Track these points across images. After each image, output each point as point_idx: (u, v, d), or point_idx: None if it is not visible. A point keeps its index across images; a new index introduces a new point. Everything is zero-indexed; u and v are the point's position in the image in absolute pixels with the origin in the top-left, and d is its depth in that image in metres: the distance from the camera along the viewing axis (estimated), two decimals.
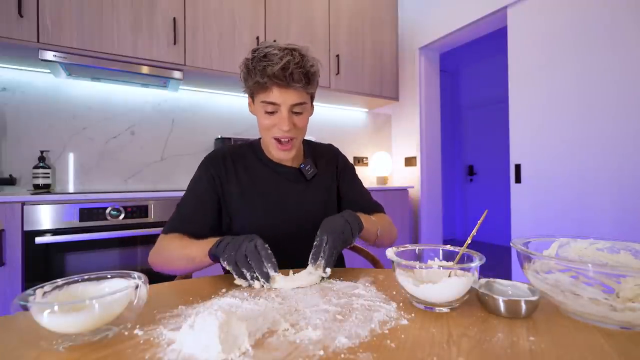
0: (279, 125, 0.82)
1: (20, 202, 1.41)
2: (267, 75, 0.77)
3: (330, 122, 2.89)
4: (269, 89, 0.80)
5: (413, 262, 0.59)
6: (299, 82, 0.79)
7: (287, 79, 0.77)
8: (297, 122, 0.85)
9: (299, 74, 0.78)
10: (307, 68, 0.80)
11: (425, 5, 2.78)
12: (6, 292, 1.38)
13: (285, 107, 0.81)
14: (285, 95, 0.80)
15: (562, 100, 1.89)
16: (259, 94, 0.83)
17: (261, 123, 0.86)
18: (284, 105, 0.81)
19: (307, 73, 0.80)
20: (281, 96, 0.80)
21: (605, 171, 1.71)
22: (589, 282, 0.48)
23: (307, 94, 0.84)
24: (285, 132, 0.83)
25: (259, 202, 0.90)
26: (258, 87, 0.81)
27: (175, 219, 0.88)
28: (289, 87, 0.79)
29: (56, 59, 1.62)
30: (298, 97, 0.81)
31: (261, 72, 0.78)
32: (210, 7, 2.02)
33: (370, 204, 1.02)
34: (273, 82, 0.78)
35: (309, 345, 0.42)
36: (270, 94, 0.80)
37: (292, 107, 0.82)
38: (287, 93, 0.80)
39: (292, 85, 0.79)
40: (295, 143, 0.88)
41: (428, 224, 2.86)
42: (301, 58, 0.80)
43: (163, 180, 2.20)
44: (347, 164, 1.07)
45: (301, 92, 0.82)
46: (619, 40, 1.66)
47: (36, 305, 0.42)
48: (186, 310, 0.53)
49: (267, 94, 0.81)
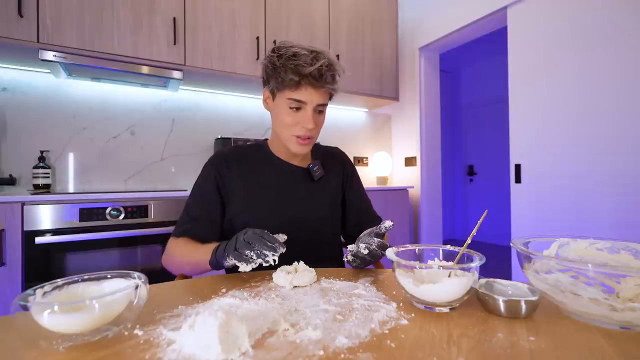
0: (304, 123, 0.85)
1: (20, 202, 1.41)
2: (303, 75, 0.80)
3: (330, 122, 2.89)
4: (301, 87, 0.82)
5: (413, 262, 0.59)
6: (330, 83, 0.84)
7: (322, 79, 0.82)
8: (319, 121, 0.89)
9: (330, 76, 0.83)
10: (336, 70, 0.85)
11: (425, 5, 2.78)
12: (6, 292, 1.38)
13: (311, 105, 0.84)
14: (316, 94, 0.84)
15: (562, 100, 1.89)
16: (284, 91, 0.84)
17: (283, 120, 0.87)
18: (311, 104, 0.84)
19: (334, 77, 0.85)
20: (310, 95, 0.83)
21: (605, 171, 1.71)
22: (589, 282, 0.48)
23: (329, 95, 0.89)
24: (308, 130, 0.86)
25: (264, 201, 0.91)
26: (289, 85, 0.83)
27: (184, 222, 0.89)
28: (317, 87, 0.83)
29: (56, 59, 1.62)
30: (324, 97, 0.86)
31: (293, 70, 0.80)
32: (210, 7, 2.02)
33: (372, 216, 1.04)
34: (308, 81, 0.81)
35: (309, 345, 0.42)
36: (301, 92, 0.83)
37: (317, 107, 0.86)
38: (316, 93, 0.84)
39: (325, 86, 0.83)
40: (313, 140, 0.90)
41: (428, 224, 2.86)
42: (330, 62, 0.84)
43: (163, 180, 2.20)
44: (354, 170, 1.09)
45: (327, 93, 0.87)
46: (619, 40, 1.66)
47: (36, 305, 0.42)
48: (186, 310, 0.53)
49: (297, 92, 0.83)
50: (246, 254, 0.64)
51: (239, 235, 0.67)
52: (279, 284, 0.65)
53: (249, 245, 0.65)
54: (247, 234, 0.66)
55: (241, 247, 0.65)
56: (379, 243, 0.72)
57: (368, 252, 0.72)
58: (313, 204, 0.94)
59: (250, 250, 0.64)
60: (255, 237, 0.65)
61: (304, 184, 0.95)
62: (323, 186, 0.97)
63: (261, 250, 0.64)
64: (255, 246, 0.64)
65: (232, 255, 0.66)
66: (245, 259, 0.65)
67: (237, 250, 0.65)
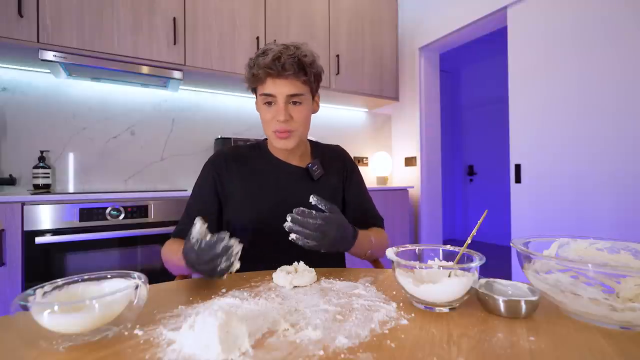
0: (276, 116, 0.84)
1: (20, 202, 1.41)
2: (261, 67, 0.81)
3: (330, 122, 2.89)
4: (263, 80, 0.83)
5: (413, 262, 0.59)
6: (290, 69, 0.81)
7: (279, 68, 0.81)
8: (294, 114, 0.86)
9: (290, 62, 0.81)
10: (299, 57, 0.83)
11: (425, 5, 2.78)
12: (6, 292, 1.38)
13: (281, 97, 0.84)
14: (279, 84, 0.83)
15: (562, 100, 1.89)
16: (257, 88, 0.87)
17: (262, 117, 0.89)
18: (280, 95, 0.84)
19: (300, 62, 0.83)
20: (275, 86, 0.83)
21: (605, 171, 1.71)
22: (589, 282, 0.48)
23: (302, 85, 0.86)
24: (281, 122, 0.84)
25: (262, 202, 0.91)
26: (255, 81, 0.85)
27: (182, 222, 0.90)
28: (280, 76, 0.82)
29: (56, 59, 1.62)
30: (293, 87, 0.84)
31: (257, 64, 0.82)
32: (210, 7, 2.02)
33: (372, 215, 1.02)
34: (266, 72, 0.81)
35: (309, 345, 0.42)
36: (267, 85, 0.84)
37: (288, 98, 0.84)
38: (281, 83, 0.83)
39: (283, 74, 0.82)
40: (294, 135, 0.88)
41: (428, 224, 2.86)
42: (296, 49, 0.83)
43: (163, 180, 2.20)
44: (355, 167, 1.07)
45: (295, 82, 0.84)
46: (619, 40, 1.66)
47: (36, 305, 0.42)
48: (186, 310, 0.53)
49: (264, 85, 0.84)
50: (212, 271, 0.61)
51: (189, 252, 0.63)
52: (279, 284, 0.65)
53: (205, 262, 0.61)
54: (190, 256, 0.62)
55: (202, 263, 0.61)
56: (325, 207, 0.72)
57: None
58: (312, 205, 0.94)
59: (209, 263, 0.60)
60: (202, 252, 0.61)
61: (304, 183, 0.95)
62: (323, 185, 0.97)
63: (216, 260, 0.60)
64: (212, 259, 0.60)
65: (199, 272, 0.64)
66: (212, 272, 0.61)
67: (196, 268, 0.63)
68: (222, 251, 0.60)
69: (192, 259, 0.62)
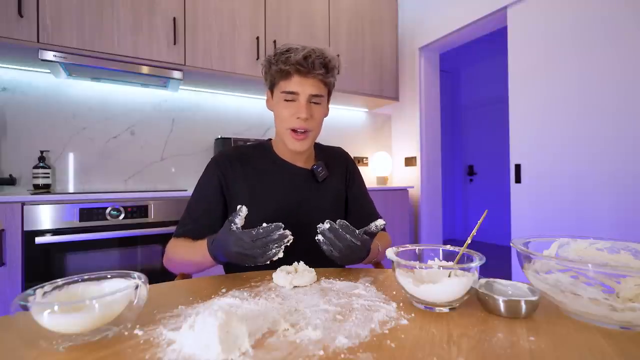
0: (297, 113, 0.85)
1: (20, 202, 1.41)
2: (290, 63, 0.82)
3: (331, 122, 2.89)
4: (290, 75, 0.84)
5: (413, 262, 0.59)
6: (319, 69, 0.84)
7: (309, 66, 0.83)
8: (315, 113, 0.88)
9: (319, 63, 0.84)
10: (327, 59, 0.86)
11: (425, 5, 2.78)
12: (6, 292, 1.38)
13: (304, 96, 0.85)
14: (305, 83, 0.85)
15: (562, 100, 1.89)
16: (279, 84, 0.87)
17: (279, 114, 0.88)
18: (303, 94, 0.85)
19: (327, 64, 0.86)
20: (301, 85, 0.84)
21: (605, 171, 1.71)
22: (589, 282, 0.48)
23: (325, 86, 0.88)
24: (302, 120, 0.85)
25: (267, 203, 0.90)
26: (280, 76, 0.85)
27: (185, 222, 0.89)
28: (309, 75, 0.84)
29: (56, 59, 1.62)
30: (316, 88, 0.86)
31: (284, 61, 0.83)
32: (210, 7, 2.02)
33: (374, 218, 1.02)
34: (295, 68, 0.83)
35: (309, 345, 0.42)
36: (290, 82, 0.85)
37: (310, 98, 0.86)
38: (307, 81, 0.85)
39: (313, 73, 0.84)
40: (310, 136, 0.89)
41: (428, 224, 2.86)
42: (322, 52, 0.86)
43: (163, 180, 2.20)
44: (356, 169, 1.08)
45: (319, 83, 0.86)
46: (619, 40, 1.66)
47: (36, 305, 0.42)
48: (186, 310, 0.53)
49: (287, 82, 0.85)
50: (254, 253, 0.64)
51: (229, 238, 0.66)
52: (279, 284, 0.65)
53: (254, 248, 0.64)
54: (242, 239, 0.65)
55: (248, 250, 0.64)
56: (362, 231, 0.71)
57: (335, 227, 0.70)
58: (317, 206, 0.94)
59: (258, 250, 0.64)
60: (261, 240, 0.64)
61: (308, 185, 0.95)
62: (326, 187, 0.97)
63: (267, 246, 0.64)
64: (261, 244, 0.64)
65: (235, 258, 0.66)
66: (253, 257, 0.65)
67: (243, 252, 0.65)
68: (278, 238, 0.64)
69: (244, 243, 0.64)
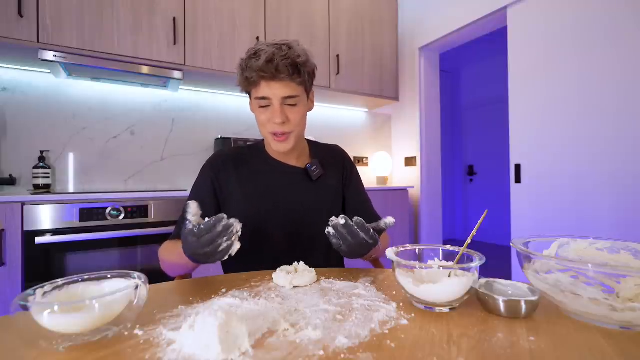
0: (272, 119, 0.83)
1: (20, 202, 1.41)
2: (255, 70, 0.79)
3: (330, 122, 2.89)
4: (257, 83, 0.81)
5: (413, 262, 0.59)
6: (284, 72, 0.79)
7: (272, 70, 0.78)
8: (290, 115, 0.85)
9: (284, 65, 0.78)
10: (293, 58, 0.80)
11: (425, 5, 2.78)
12: (6, 292, 1.38)
13: (276, 99, 0.82)
14: (274, 87, 0.81)
15: (562, 100, 1.89)
16: (251, 91, 0.85)
17: (258, 119, 0.87)
18: (275, 98, 0.82)
19: (294, 64, 0.80)
20: (270, 89, 0.81)
21: (605, 171, 1.71)
22: (589, 282, 0.48)
23: (297, 86, 0.84)
24: (278, 124, 0.83)
25: (261, 203, 0.90)
26: (249, 84, 0.83)
27: (179, 224, 0.88)
28: (274, 79, 0.80)
29: (56, 59, 1.62)
30: (288, 89, 0.82)
31: (250, 68, 0.80)
32: (210, 7, 2.02)
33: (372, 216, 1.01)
34: (260, 75, 0.79)
35: (309, 345, 0.42)
36: (259, 89, 0.82)
37: (283, 100, 0.83)
38: (275, 85, 0.81)
39: (278, 77, 0.79)
40: (292, 136, 0.87)
41: (428, 224, 2.86)
42: (288, 50, 0.80)
43: (163, 180, 2.20)
44: (354, 167, 1.06)
45: (290, 84, 0.82)
46: (619, 40, 1.66)
47: (36, 305, 0.42)
48: (186, 310, 0.53)
49: (257, 89, 0.82)
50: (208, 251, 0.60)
51: (186, 236, 0.61)
52: (279, 284, 0.65)
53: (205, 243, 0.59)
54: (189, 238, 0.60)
55: (199, 247, 0.60)
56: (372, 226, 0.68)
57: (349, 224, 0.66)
58: (312, 205, 0.93)
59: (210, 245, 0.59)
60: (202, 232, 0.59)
61: (303, 184, 0.94)
62: (322, 186, 0.96)
63: (216, 242, 0.59)
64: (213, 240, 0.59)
65: (196, 259, 0.62)
66: (211, 254, 0.60)
67: (195, 252, 0.61)
68: (222, 230, 0.59)
69: (192, 243, 0.60)
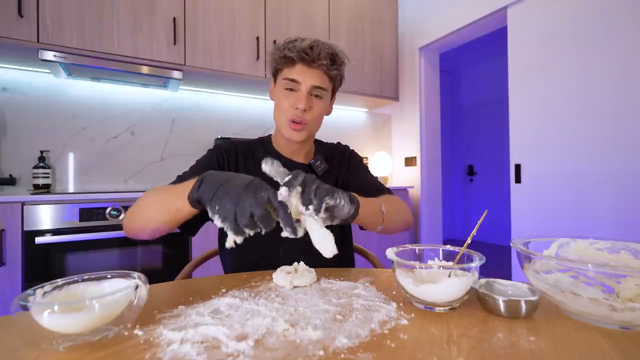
0: (296, 104, 0.83)
1: (20, 202, 1.41)
2: (296, 50, 0.80)
3: (331, 122, 2.88)
4: (294, 63, 0.82)
5: (413, 262, 0.59)
6: (324, 59, 0.81)
7: (314, 55, 0.80)
8: (314, 106, 0.85)
9: (325, 53, 0.81)
10: (333, 49, 0.83)
11: (425, 5, 2.78)
12: (6, 292, 1.38)
13: (305, 86, 0.83)
14: (308, 73, 0.82)
15: (561, 100, 1.89)
16: (282, 71, 0.85)
17: (279, 103, 0.86)
18: (305, 84, 0.83)
19: (333, 54, 0.83)
20: (304, 74, 0.82)
21: (605, 171, 1.71)
22: (589, 282, 0.48)
23: (329, 80, 0.86)
24: (300, 111, 0.83)
25: None
26: (284, 62, 0.83)
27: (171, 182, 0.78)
28: (313, 65, 0.82)
29: (56, 59, 1.62)
30: (320, 80, 0.83)
31: (290, 48, 0.81)
32: (210, 7, 2.02)
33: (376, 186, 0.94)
34: (300, 56, 0.81)
35: (309, 345, 0.42)
36: (293, 70, 0.83)
37: (312, 89, 0.83)
38: (311, 71, 0.82)
39: (317, 62, 0.81)
40: (307, 129, 0.86)
41: (428, 224, 2.86)
42: (329, 44, 0.84)
43: (163, 180, 2.20)
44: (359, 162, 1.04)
45: (323, 75, 0.84)
46: (619, 40, 1.66)
47: (36, 305, 0.42)
48: (186, 310, 0.53)
49: (290, 69, 0.83)
50: (243, 231, 0.51)
51: (243, 197, 0.50)
52: (279, 284, 0.65)
53: (254, 224, 0.50)
54: (254, 206, 0.49)
55: (242, 223, 0.50)
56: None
57: None
58: None
59: (251, 229, 0.50)
60: (266, 220, 0.50)
61: None
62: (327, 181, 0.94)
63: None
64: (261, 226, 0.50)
65: (226, 223, 0.51)
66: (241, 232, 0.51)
67: (237, 223, 0.50)
68: (274, 198, 0.50)
69: (242, 179, 0.53)
